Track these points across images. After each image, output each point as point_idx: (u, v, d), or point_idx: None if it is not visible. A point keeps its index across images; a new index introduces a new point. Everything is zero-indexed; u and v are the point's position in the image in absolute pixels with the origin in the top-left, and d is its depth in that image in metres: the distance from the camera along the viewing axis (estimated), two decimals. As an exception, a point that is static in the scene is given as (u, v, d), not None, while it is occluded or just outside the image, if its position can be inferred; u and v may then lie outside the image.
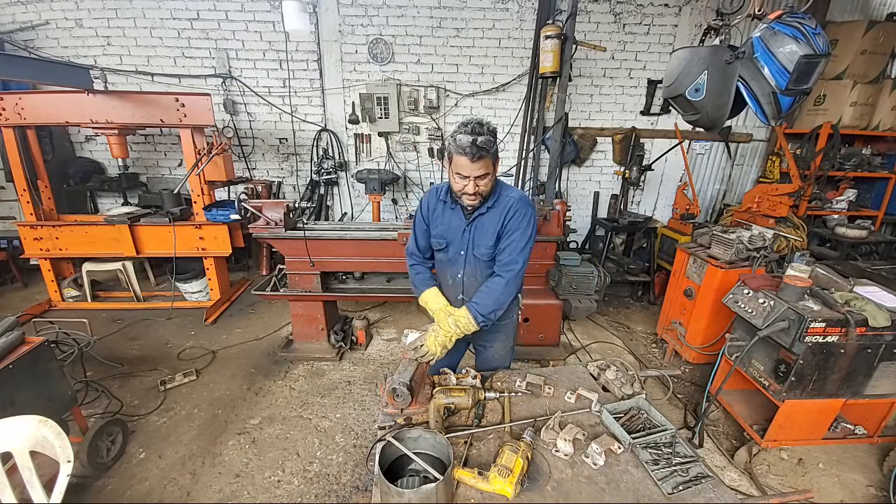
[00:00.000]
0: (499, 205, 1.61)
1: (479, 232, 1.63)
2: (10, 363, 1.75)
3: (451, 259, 1.73)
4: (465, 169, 1.45)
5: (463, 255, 1.68)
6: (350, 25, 4.45)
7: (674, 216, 4.29)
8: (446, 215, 1.68)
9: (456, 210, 1.65)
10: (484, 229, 1.62)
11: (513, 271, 1.58)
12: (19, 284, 4.41)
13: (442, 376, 1.62)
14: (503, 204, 1.61)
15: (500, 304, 1.60)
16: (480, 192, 1.52)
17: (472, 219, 1.63)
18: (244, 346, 3.38)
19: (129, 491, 2.08)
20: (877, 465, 2.32)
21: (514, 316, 1.92)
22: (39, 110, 3.34)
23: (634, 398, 1.57)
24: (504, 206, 1.60)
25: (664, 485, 1.22)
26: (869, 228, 4.44)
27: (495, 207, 1.61)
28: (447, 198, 1.66)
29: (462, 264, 1.70)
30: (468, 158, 1.42)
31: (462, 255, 1.68)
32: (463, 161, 1.43)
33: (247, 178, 4.50)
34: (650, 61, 4.67)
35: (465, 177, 1.47)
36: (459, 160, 1.44)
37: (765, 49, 1.91)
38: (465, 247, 1.66)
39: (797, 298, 2.03)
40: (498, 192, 1.61)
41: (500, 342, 1.90)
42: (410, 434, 1.30)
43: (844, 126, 4.42)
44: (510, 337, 1.93)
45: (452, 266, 1.74)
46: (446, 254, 1.73)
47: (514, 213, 1.58)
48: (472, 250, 1.66)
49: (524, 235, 1.58)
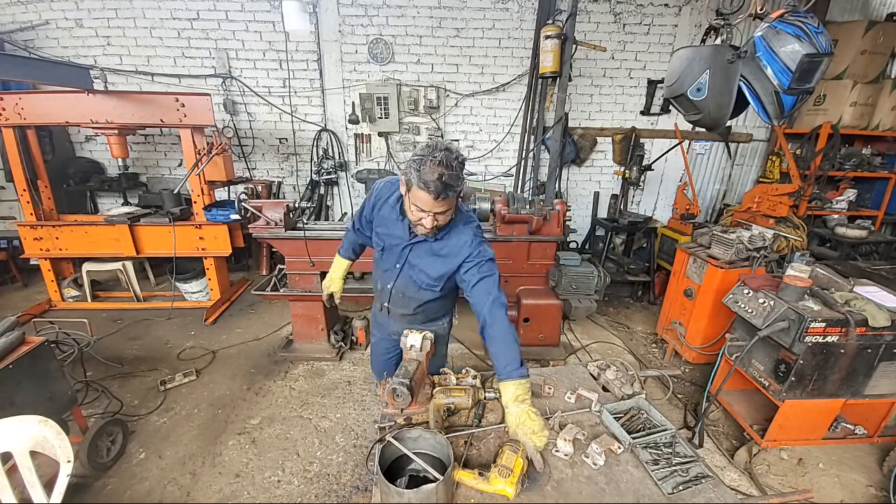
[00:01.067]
0: (451, 239, 1.47)
1: (419, 257, 1.53)
2: (10, 363, 1.75)
3: (384, 267, 1.63)
4: (426, 205, 1.30)
5: (398, 268, 1.57)
6: (350, 25, 4.45)
7: (674, 216, 4.29)
8: (392, 223, 1.54)
9: (403, 223, 1.51)
10: (426, 258, 1.52)
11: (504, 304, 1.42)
12: (19, 284, 4.41)
13: (442, 376, 1.62)
14: (456, 243, 1.46)
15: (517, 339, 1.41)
16: (438, 227, 1.40)
17: (414, 240, 1.51)
18: (244, 346, 3.38)
19: (129, 491, 2.08)
20: (877, 465, 2.32)
21: (447, 325, 1.84)
22: (39, 110, 3.34)
23: (634, 398, 1.57)
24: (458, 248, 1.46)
25: (664, 485, 1.22)
26: (869, 228, 4.44)
27: (446, 241, 1.48)
28: (398, 207, 1.51)
29: (393, 278, 1.60)
30: (432, 197, 1.26)
31: (397, 268, 1.57)
32: (425, 197, 1.27)
33: (247, 178, 4.49)
34: (650, 61, 4.67)
35: (423, 210, 1.33)
36: (421, 194, 1.28)
37: (767, 48, 1.91)
38: (400, 262, 1.56)
39: (797, 298, 2.03)
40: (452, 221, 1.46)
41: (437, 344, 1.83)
42: (410, 434, 1.30)
43: (844, 126, 4.42)
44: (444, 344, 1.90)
45: (384, 274, 1.63)
46: (381, 256, 1.64)
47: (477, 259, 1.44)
48: (408, 270, 1.56)
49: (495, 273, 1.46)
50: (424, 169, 1.24)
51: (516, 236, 2.99)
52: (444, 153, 1.25)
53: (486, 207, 3.18)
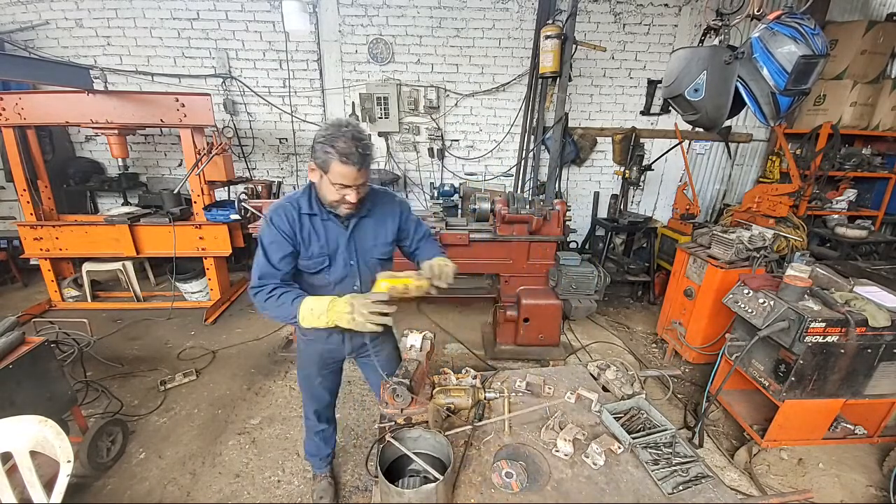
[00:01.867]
0: (381, 205, 1.58)
1: (365, 237, 1.55)
2: (10, 363, 1.75)
3: (340, 276, 1.54)
4: (349, 178, 1.32)
5: (353, 264, 1.54)
6: (350, 25, 4.45)
7: (674, 216, 4.29)
8: (323, 229, 1.49)
9: (331, 220, 1.49)
10: (371, 233, 1.56)
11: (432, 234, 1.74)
12: (19, 284, 4.41)
13: (442, 376, 1.63)
14: (387, 204, 1.61)
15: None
16: (361, 199, 1.44)
17: (352, 226, 1.52)
18: (244, 346, 3.38)
19: (129, 491, 2.08)
20: (877, 465, 2.32)
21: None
22: (39, 110, 3.34)
23: (634, 398, 1.57)
24: (391, 207, 1.61)
25: (664, 485, 1.22)
26: (869, 228, 4.44)
27: (377, 207, 1.57)
28: (318, 209, 1.47)
29: (356, 274, 1.55)
30: (355, 168, 1.31)
31: (353, 265, 1.54)
32: (348, 170, 1.30)
33: (247, 178, 4.49)
34: (650, 61, 4.67)
35: (347, 186, 1.35)
36: (343, 169, 1.30)
37: (764, 49, 1.92)
38: (353, 257, 1.53)
39: (797, 298, 2.03)
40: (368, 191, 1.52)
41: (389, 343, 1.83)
42: (410, 434, 1.30)
43: (844, 126, 4.42)
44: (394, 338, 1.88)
45: (343, 280, 1.55)
46: (330, 271, 1.52)
47: (407, 213, 1.66)
48: (362, 256, 1.55)
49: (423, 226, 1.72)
50: (340, 145, 1.29)
51: (516, 236, 2.99)
52: (351, 128, 1.32)
53: (486, 207, 3.18)
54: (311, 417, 1.93)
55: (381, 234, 1.59)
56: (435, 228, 2.94)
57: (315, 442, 2.00)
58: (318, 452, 2.03)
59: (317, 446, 2.01)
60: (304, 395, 1.91)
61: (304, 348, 1.75)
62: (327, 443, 2.03)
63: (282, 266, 1.44)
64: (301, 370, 1.83)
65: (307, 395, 1.88)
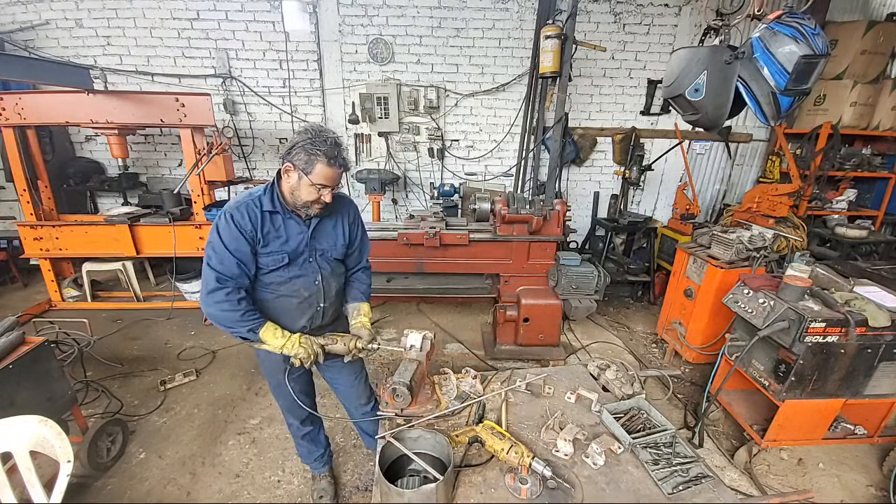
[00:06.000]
0: (338, 205, 1.63)
1: (322, 236, 1.61)
2: (10, 363, 1.75)
3: (300, 272, 1.57)
4: (331, 179, 1.42)
5: (312, 261, 1.59)
6: (350, 25, 4.45)
7: (674, 216, 4.29)
8: (284, 226, 1.52)
9: (293, 219, 1.53)
10: (327, 233, 1.62)
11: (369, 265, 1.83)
12: (19, 284, 4.41)
13: (442, 376, 1.63)
14: (343, 205, 1.66)
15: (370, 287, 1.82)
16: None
17: (313, 225, 1.57)
18: (244, 347, 3.37)
19: (129, 491, 2.08)
20: (877, 465, 2.32)
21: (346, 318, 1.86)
22: (39, 110, 3.34)
23: (634, 398, 1.57)
24: (344, 208, 1.67)
25: (664, 485, 1.22)
26: (869, 228, 4.44)
27: (336, 207, 1.63)
28: (280, 207, 1.50)
29: (317, 270, 1.60)
30: (337, 169, 1.41)
31: (311, 261, 1.59)
32: (332, 172, 1.40)
33: (247, 178, 4.49)
34: (650, 61, 4.67)
35: (326, 186, 1.43)
36: (328, 171, 1.39)
37: (764, 49, 1.92)
38: (312, 254, 1.58)
39: (797, 298, 2.03)
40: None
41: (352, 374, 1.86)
42: (410, 434, 1.30)
43: (844, 126, 4.42)
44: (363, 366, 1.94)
45: (304, 277, 1.59)
46: (289, 269, 1.55)
47: (355, 216, 1.72)
48: (320, 255, 1.61)
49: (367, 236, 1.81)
50: (324, 148, 1.37)
51: (516, 236, 2.99)
52: (333, 134, 1.42)
53: (486, 207, 3.17)
54: (292, 423, 1.95)
55: (339, 234, 1.66)
56: (435, 228, 2.94)
57: (304, 445, 2.02)
58: (310, 455, 2.05)
59: (307, 449, 2.03)
60: (280, 402, 1.91)
61: (264, 357, 1.70)
62: (316, 443, 2.04)
63: (244, 268, 1.45)
64: (270, 379, 1.81)
65: (282, 402, 1.88)
